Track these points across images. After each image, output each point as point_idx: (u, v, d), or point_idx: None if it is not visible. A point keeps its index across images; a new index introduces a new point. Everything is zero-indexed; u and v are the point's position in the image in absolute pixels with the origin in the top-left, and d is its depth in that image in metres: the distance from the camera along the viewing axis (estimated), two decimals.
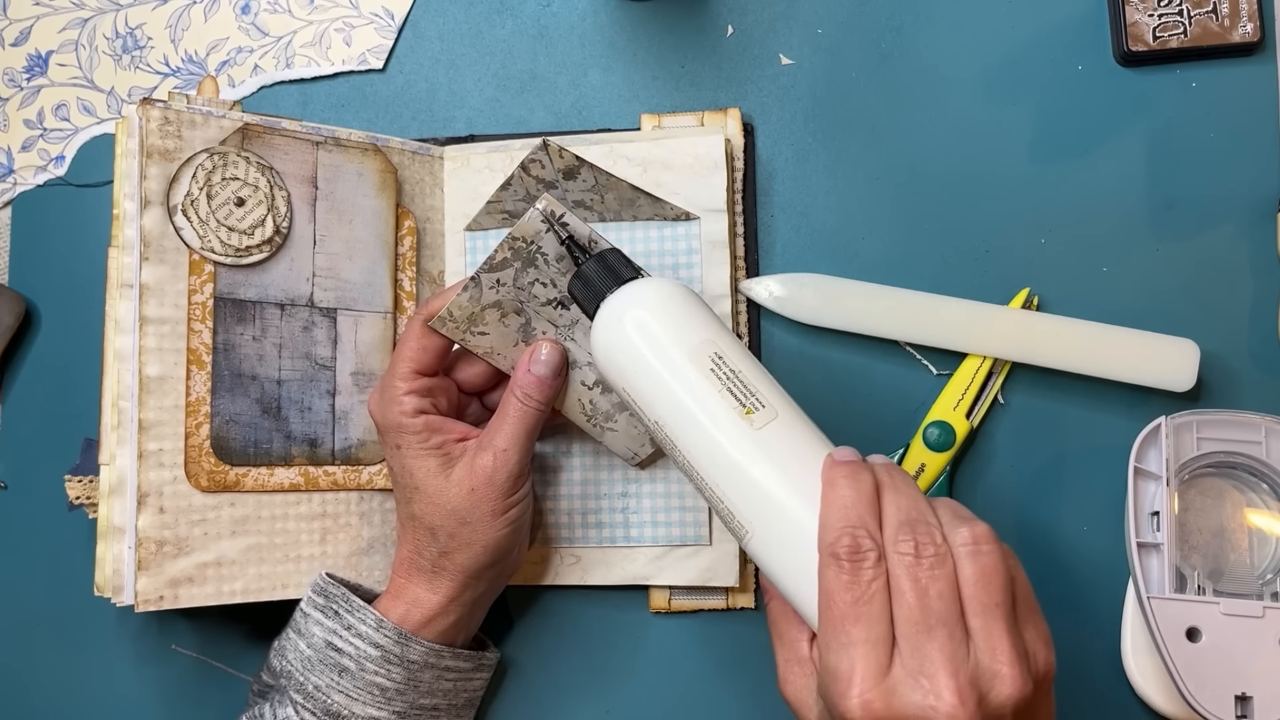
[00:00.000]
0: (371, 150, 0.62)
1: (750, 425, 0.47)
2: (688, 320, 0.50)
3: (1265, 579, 0.58)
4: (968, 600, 0.41)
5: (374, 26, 0.68)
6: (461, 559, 0.56)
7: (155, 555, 0.55)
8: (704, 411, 0.48)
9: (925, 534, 0.42)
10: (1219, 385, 0.62)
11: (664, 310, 0.50)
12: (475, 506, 0.55)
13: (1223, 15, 0.63)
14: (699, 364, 0.48)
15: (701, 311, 0.51)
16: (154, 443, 0.56)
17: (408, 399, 0.55)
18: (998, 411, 0.63)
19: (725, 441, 0.47)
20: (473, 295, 0.55)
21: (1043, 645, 0.43)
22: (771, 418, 0.48)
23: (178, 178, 0.57)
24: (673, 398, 0.49)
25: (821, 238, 0.65)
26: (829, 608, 0.42)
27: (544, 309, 0.56)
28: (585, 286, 0.53)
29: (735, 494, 0.47)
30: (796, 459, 0.47)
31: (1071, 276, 0.63)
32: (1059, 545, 0.62)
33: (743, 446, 0.47)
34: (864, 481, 0.45)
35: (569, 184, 0.60)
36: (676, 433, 0.49)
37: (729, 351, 0.49)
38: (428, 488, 0.55)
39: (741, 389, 0.48)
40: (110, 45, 0.69)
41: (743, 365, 0.49)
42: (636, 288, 0.51)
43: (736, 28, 0.67)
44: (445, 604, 0.56)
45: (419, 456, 0.55)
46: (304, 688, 0.55)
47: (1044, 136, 0.64)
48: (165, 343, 0.56)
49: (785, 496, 0.46)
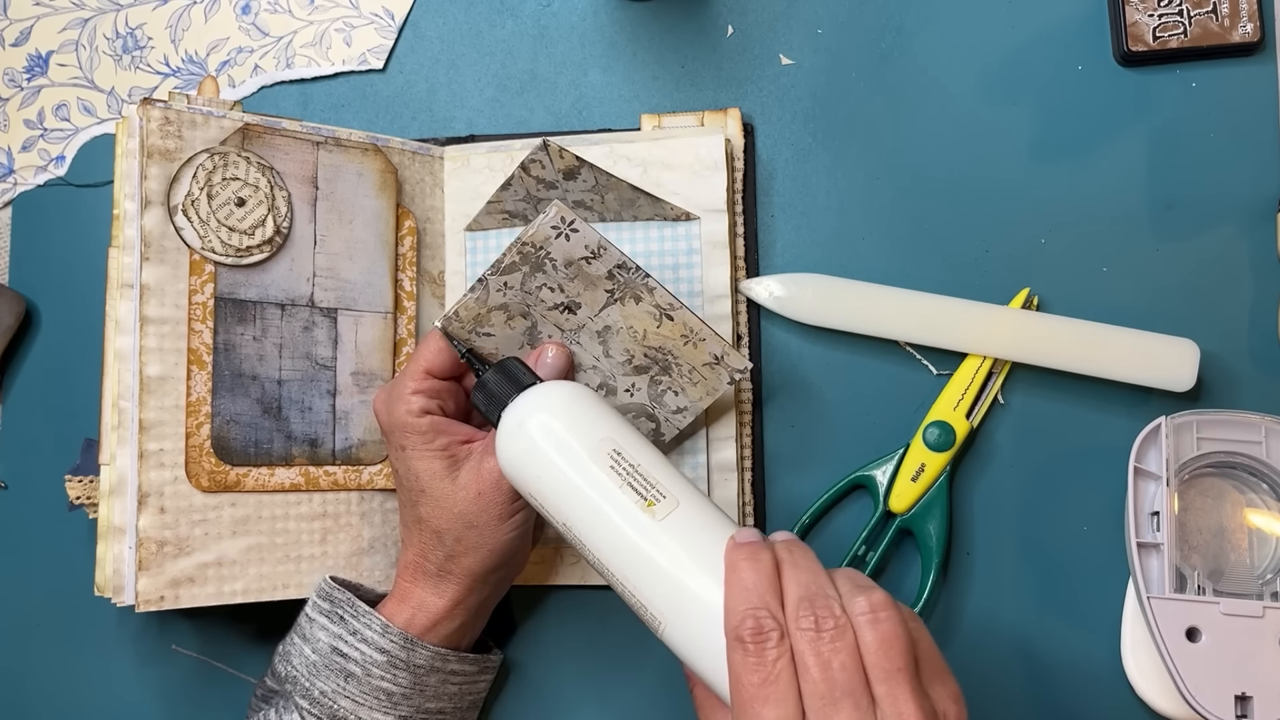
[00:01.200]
0: (372, 150, 0.62)
1: (653, 517, 0.48)
2: (586, 420, 0.51)
3: (1265, 579, 0.58)
4: (871, 668, 0.42)
5: (374, 26, 0.68)
6: (468, 562, 0.55)
7: (156, 555, 0.55)
8: (608, 507, 0.48)
9: (824, 607, 0.43)
10: (1219, 385, 0.62)
11: (563, 411, 0.51)
12: (482, 510, 0.54)
13: (1223, 15, 0.63)
14: (599, 461, 0.49)
15: (599, 409, 0.51)
16: (154, 443, 0.56)
17: (415, 398, 0.55)
18: (998, 411, 0.63)
19: (630, 534, 0.48)
20: (480, 297, 0.55)
21: (952, 703, 0.43)
22: (673, 507, 0.48)
23: (178, 178, 0.57)
24: (576, 497, 0.49)
25: (821, 238, 0.65)
26: (738, 690, 0.43)
27: (550, 313, 0.57)
28: (487, 397, 0.53)
29: (645, 586, 0.47)
30: (700, 545, 0.47)
31: (1071, 276, 0.63)
32: (1059, 545, 0.62)
33: (647, 538, 0.47)
34: (763, 561, 0.45)
35: (569, 184, 0.60)
36: (584, 531, 0.49)
37: (628, 446, 0.50)
38: (434, 490, 0.55)
39: (642, 482, 0.48)
40: (110, 45, 0.69)
41: (642, 458, 0.50)
42: (536, 393, 0.52)
43: (736, 28, 0.67)
44: (451, 608, 0.56)
45: (424, 458, 0.55)
46: (309, 693, 0.55)
47: (1044, 136, 0.64)
48: (166, 343, 0.56)
49: (692, 583, 0.46)
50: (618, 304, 0.56)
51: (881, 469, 0.62)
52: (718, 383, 0.58)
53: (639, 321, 0.57)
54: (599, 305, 0.57)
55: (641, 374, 0.58)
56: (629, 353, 0.58)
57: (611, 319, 0.57)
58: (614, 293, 0.56)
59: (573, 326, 0.57)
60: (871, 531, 0.62)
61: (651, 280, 0.55)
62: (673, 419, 0.59)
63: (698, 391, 0.58)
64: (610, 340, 0.57)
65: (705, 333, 0.56)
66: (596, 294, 0.56)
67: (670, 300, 0.56)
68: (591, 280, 0.56)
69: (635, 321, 0.57)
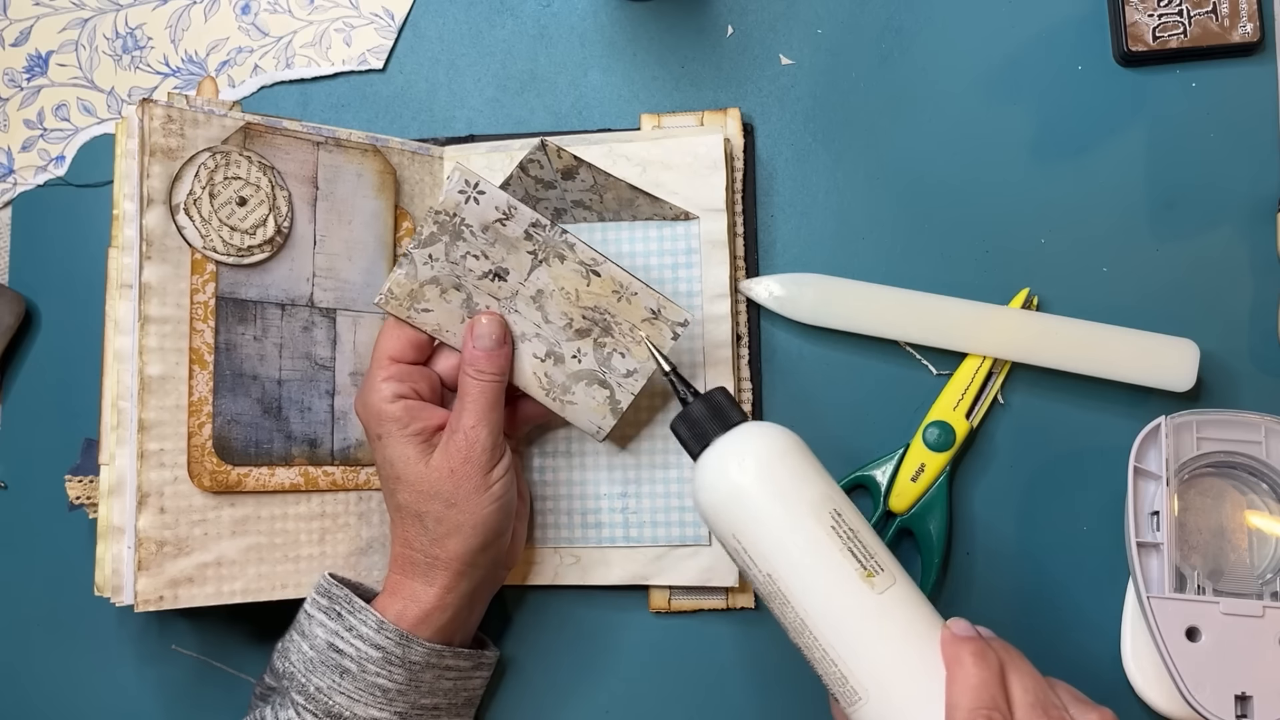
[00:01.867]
0: (371, 151, 0.62)
1: (872, 589, 0.47)
2: (805, 473, 0.49)
3: (1265, 579, 0.58)
4: None
5: (374, 27, 0.68)
6: (453, 546, 0.56)
7: (155, 555, 0.55)
8: (827, 571, 0.47)
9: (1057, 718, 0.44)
10: (1219, 385, 0.62)
11: (781, 462, 0.49)
12: (458, 487, 0.55)
13: (1223, 15, 0.63)
14: (820, 521, 0.48)
15: (815, 464, 0.50)
16: (155, 443, 0.56)
17: (385, 385, 0.56)
18: (998, 411, 0.63)
19: (847, 604, 0.47)
20: (408, 272, 0.56)
21: None
22: (890, 583, 0.47)
23: (180, 176, 0.57)
24: (792, 554, 0.47)
25: (821, 238, 0.65)
26: None
27: (481, 282, 0.57)
28: (690, 428, 0.52)
29: (853, 659, 0.47)
30: (916, 629, 0.47)
31: (1071, 276, 0.63)
32: (1059, 545, 0.62)
33: (865, 611, 0.46)
34: (992, 661, 0.45)
35: (568, 184, 0.60)
36: (793, 589, 0.47)
37: (846, 509, 0.49)
38: (408, 475, 0.56)
39: (862, 550, 0.47)
40: (110, 45, 0.69)
41: (858, 525, 0.48)
42: (747, 434, 0.50)
43: (736, 28, 0.67)
44: (441, 597, 0.56)
45: (399, 444, 0.56)
46: (305, 689, 0.55)
47: (1044, 136, 0.64)
48: (167, 342, 0.56)
49: (909, 667, 0.46)
50: (544, 265, 0.56)
51: (881, 469, 0.62)
52: (661, 340, 0.57)
53: (568, 281, 0.57)
54: (525, 269, 0.57)
55: (584, 337, 0.58)
56: (567, 316, 0.57)
57: (542, 282, 0.57)
58: (536, 254, 0.56)
59: (506, 294, 0.57)
60: None
61: (570, 236, 0.56)
62: (625, 384, 0.58)
63: (642, 351, 0.58)
64: (546, 305, 0.57)
65: (636, 286, 0.56)
66: (520, 257, 0.56)
67: (594, 255, 0.56)
68: (511, 243, 0.56)
69: (565, 282, 0.57)
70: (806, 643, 0.48)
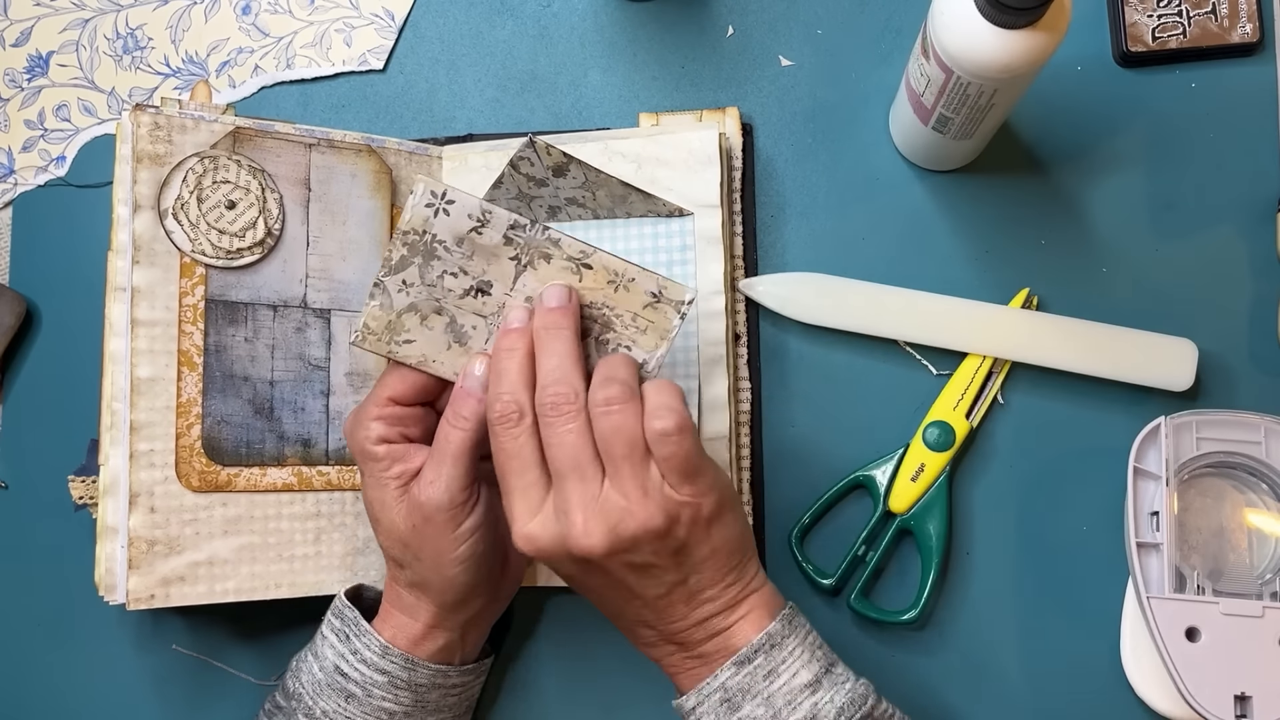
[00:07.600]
0: (365, 151, 0.62)
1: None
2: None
3: (1265, 579, 0.58)
4: (601, 453, 0.48)
5: (374, 27, 0.68)
6: (431, 591, 0.54)
7: (146, 554, 0.56)
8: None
9: (561, 394, 0.49)
10: (1218, 385, 0.62)
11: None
12: (423, 544, 0.53)
13: (1222, 16, 0.63)
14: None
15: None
16: (145, 443, 0.56)
17: (374, 425, 0.53)
18: (998, 411, 0.63)
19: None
20: (383, 303, 0.52)
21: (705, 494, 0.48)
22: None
23: (168, 182, 0.57)
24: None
25: (821, 238, 0.65)
26: (497, 465, 0.50)
27: (464, 301, 0.53)
28: None
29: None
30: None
31: (1071, 276, 0.63)
32: (1059, 545, 0.62)
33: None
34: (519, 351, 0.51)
35: (559, 181, 0.59)
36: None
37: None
38: (382, 519, 0.54)
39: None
40: (111, 46, 0.69)
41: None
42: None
43: (736, 28, 0.67)
44: (427, 629, 0.55)
45: (377, 486, 0.53)
46: (311, 712, 0.55)
47: (1044, 136, 0.64)
48: (156, 345, 0.57)
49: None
50: (529, 270, 0.53)
51: (881, 469, 0.62)
52: (666, 323, 0.53)
53: (559, 281, 0.53)
54: (510, 277, 0.53)
55: (585, 338, 0.54)
56: None
57: (530, 288, 0.53)
58: (519, 258, 0.52)
59: (492, 310, 0.53)
60: (871, 531, 0.62)
61: (554, 232, 0.52)
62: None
63: (649, 339, 0.54)
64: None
65: (632, 271, 0.53)
66: (502, 265, 0.52)
67: (581, 248, 0.52)
68: (490, 252, 0.52)
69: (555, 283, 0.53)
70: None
